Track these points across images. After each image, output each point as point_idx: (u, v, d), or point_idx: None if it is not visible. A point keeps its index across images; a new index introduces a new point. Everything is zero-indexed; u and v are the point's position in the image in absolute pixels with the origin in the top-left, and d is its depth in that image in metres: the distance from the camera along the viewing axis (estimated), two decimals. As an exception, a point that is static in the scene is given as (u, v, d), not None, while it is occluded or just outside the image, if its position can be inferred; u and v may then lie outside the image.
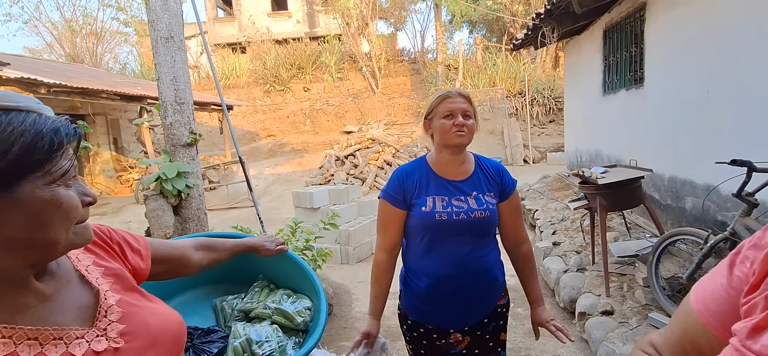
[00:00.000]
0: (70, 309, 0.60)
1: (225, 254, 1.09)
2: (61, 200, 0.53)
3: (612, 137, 4.97)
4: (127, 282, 0.70)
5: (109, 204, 9.45)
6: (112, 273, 0.69)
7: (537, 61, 14.22)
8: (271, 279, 1.36)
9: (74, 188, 0.56)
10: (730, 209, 2.75)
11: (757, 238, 0.47)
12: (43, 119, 0.53)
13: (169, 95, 2.43)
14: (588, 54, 5.72)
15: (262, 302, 1.23)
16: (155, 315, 0.67)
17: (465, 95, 1.29)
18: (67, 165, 0.54)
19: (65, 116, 0.58)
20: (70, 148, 0.56)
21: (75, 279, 0.64)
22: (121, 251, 0.75)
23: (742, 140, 2.70)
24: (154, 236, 2.39)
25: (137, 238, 0.82)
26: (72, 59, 17.77)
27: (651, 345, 0.59)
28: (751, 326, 0.40)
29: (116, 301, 0.64)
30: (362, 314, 3.16)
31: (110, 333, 0.60)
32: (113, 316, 0.62)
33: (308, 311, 1.22)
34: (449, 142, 1.27)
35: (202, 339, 1.12)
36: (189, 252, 0.97)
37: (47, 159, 0.52)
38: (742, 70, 2.68)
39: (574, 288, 2.86)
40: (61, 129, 0.54)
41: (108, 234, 0.74)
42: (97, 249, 0.71)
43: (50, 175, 0.52)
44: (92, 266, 0.67)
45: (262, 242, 1.21)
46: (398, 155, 10.59)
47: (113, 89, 8.44)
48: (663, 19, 3.65)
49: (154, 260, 0.83)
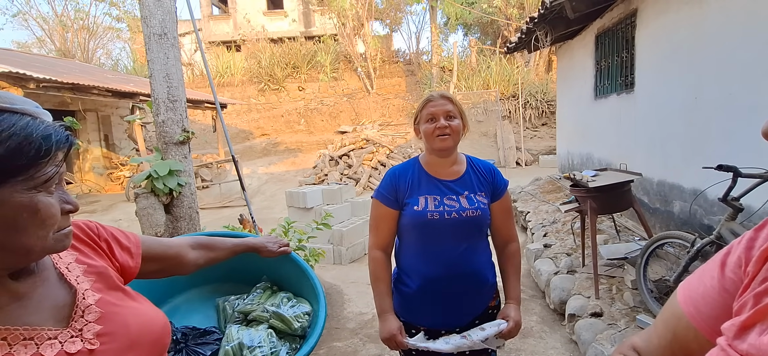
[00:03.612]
0: (45, 308, 0.58)
1: (223, 254, 1.07)
2: (39, 207, 0.52)
3: (603, 141, 5.04)
4: (110, 281, 0.68)
5: (99, 202, 9.32)
6: (95, 271, 0.67)
7: (530, 64, 14.35)
8: (274, 280, 1.35)
9: (56, 196, 0.55)
10: (716, 213, 2.80)
11: (749, 239, 0.46)
12: (37, 124, 0.52)
13: (161, 92, 2.41)
14: (580, 58, 5.78)
15: (262, 304, 1.22)
16: (137, 316, 0.66)
17: (447, 96, 1.31)
18: (51, 172, 0.53)
19: (61, 123, 0.57)
20: (60, 155, 0.55)
21: (53, 278, 0.62)
22: (108, 249, 0.73)
23: (728, 145, 2.76)
24: (145, 234, 2.37)
25: (128, 235, 0.80)
26: (63, 54, 17.50)
27: (633, 349, 0.57)
28: (739, 325, 0.40)
29: (95, 301, 0.62)
30: (354, 314, 3.16)
31: (86, 334, 0.58)
32: (90, 316, 0.60)
33: (307, 316, 1.20)
34: (434, 146, 1.29)
35: (197, 340, 1.12)
36: (184, 251, 0.95)
37: (32, 164, 0.51)
38: (729, 77, 2.73)
39: (564, 290, 2.89)
40: (52, 135, 0.53)
41: (96, 231, 0.73)
42: (82, 246, 0.69)
43: (33, 180, 0.51)
44: (74, 263, 0.66)
45: (265, 242, 1.18)
46: (392, 155, 10.61)
47: (105, 85, 8.34)
48: (653, 25, 3.71)
49: (146, 259, 0.82)
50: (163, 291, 1.25)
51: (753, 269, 0.43)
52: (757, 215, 2.27)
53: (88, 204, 9.05)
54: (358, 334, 2.85)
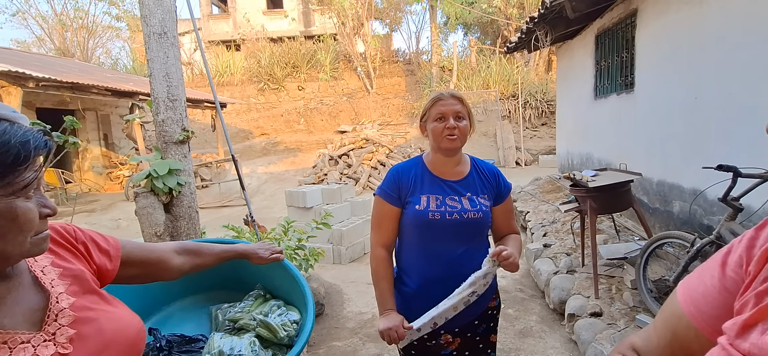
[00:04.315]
0: (19, 312, 0.58)
1: (211, 260, 1.05)
2: (17, 212, 0.52)
3: (603, 141, 5.04)
4: (86, 285, 0.68)
5: (98, 201, 9.31)
6: (71, 274, 0.67)
7: (530, 64, 14.35)
8: (268, 288, 1.33)
9: (34, 200, 0.55)
10: (716, 213, 2.80)
11: (749, 238, 0.46)
12: (14, 130, 0.52)
13: (161, 92, 2.41)
14: (580, 58, 5.78)
15: (251, 313, 1.20)
16: (111, 321, 0.65)
17: (458, 96, 1.30)
18: (30, 177, 0.53)
19: (39, 128, 0.57)
20: (39, 160, 0.54)
21: (28, 281, 0.61)
22: (86, 251, 0.73)
23: (728, 145, 2.76)
24: (145, 234, 2.36)
25: (108, 239, 0.80)
26: (62, 53, 17.47)
27: (632, 348, 0.56)
28: (741, 324, 0.39)
29: (70, 304, 0.62)
30: (354, 314, 3.16)
31: (59, 338, 0.58)
32: (64, 320, 0.60)
33: (295, 325, 1.18)
34: (441, 145, 1.28)
35: (181, 347, 1.10)
36: (168, 256, 0.93)
37: (10, 171, 0.51)
38: (729, 78, 2.74)
39: (564, 290, 2.90)
40: (30, 141, 0.52)
41: (73, 234, 0.72)
42: (59, 249, 0.69)
43: (11, 187, 0.51)
44: (50, 267, 0.65)
45: (255, 249, 1.16)
46: (392, 155, 10.61)
47: (104, 85, 8.32)
48: (653, 25, 3.71)
49: (126, 263, 0.81)
50: (158, 299, 1.24)
51: (754, 268, 0.42)
52: (757, 215, 2.27)
53: (87, 203, 9.04)
54: (358, 334, 2.85)
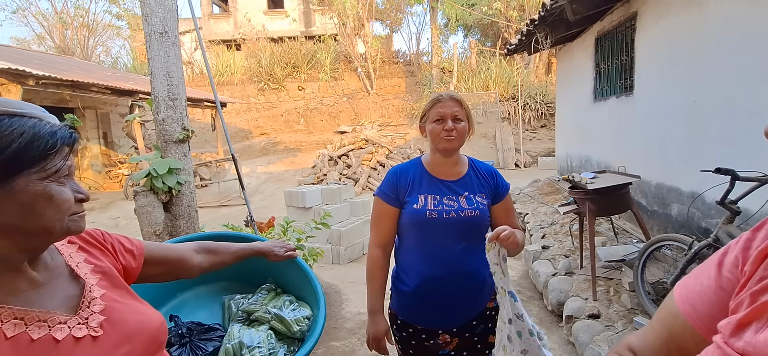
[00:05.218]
0: (58, 297, 0.66)
1: (229, 258, 1.11)
2: (52, 193, 0.60)
3: (602, 143, 5.05)
4: (115, 280, 0.76)
5: (97, 200, 9.30)
6: (101, 270, 0.75)
7: (530, 66, 14.37)
8: (279, 283, 1.39)
9: (68, 186, 0.64)
10: (714, 216, 2.81)
11: (746, 239, 0.46)
12: (43, 124, 0.62)
13: (161, 91, 2.41)
14: (580, 61, 5.79)
15: (265, 306, 1.26)
16: (135, 314, 0.73)
17: (457, 98, 1.32)
18: (59, 164, 0.62)
19: (65, 124, 0.66)
20: (66, 149, 0.63)
21: (65, 273, 0.70)
22: (113, 251, 0.82)
23: (726, 149, 2.77)
24: (144, 232, 2.37)
25: (132, 240, 0.88)
26: (62, 52, 17.45)
27: (629, 349, 0.57)
28: (735, 323, 0.40)
29: (100, 295, 0.70)
30: (352, 314, 3.16)
31: (91, 323, 0.66)
32: (96, 307, 0.68)
33: (307, 320, 1.24)
34: (439, 146, 1.30)
35: (201, 335, 1.17)
36: (188, 256, 1.00)
37: (42, 157, 0.59)
38: (728, 81, 2.75)
39: (562, 292, 2.90)
40: (57, 133, 0.62)
41: (102, 236, 0.82)
42: (90, 248, 0.78)
43: (44, 171, 0.60)
44: (83, 263, 0.74)
45: (271, 247, 1.22)
46: (391, 156, 10.61)
47: (104, 83, 8.32)
48: (653, 29, 3.72)
49: (149, 262, 0.88)
50: (173, 286, 1.33)
51: (750, 268, 0.43)
52: (755, 218, 2.28)
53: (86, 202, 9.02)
54: (356, 334, 2.85)
